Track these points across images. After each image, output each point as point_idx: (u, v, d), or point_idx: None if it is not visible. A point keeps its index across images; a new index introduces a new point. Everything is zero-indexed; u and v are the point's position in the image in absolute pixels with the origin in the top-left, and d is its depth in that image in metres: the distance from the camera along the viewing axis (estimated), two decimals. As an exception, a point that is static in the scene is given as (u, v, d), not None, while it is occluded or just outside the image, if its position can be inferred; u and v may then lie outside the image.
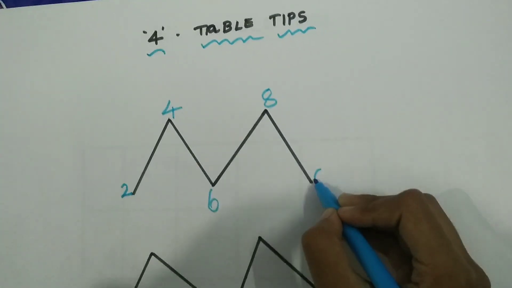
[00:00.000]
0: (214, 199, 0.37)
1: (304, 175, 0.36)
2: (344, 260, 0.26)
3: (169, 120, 0.38)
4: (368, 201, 0.30)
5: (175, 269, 0.36)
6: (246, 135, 0.37)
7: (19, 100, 0.39)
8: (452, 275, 0.24)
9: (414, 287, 0.25)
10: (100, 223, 0.37)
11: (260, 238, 0.36)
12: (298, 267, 0.35)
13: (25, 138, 0.39)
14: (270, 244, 0.36)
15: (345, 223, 0.29)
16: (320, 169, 0.36)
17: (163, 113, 0.38)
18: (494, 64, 0.35)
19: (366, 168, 0.35)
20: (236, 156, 0.37)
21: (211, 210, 0.36)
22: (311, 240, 0.28)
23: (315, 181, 0.35)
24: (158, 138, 0.38)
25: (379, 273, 0.26)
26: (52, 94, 0.39)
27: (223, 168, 0.37)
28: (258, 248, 0.36)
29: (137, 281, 0.37)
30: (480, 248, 0.32)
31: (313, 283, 0.34)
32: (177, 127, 0.38)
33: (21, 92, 0.39)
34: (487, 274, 0.27)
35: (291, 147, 0.36)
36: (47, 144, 0.39)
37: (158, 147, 0.38)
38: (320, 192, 0.34)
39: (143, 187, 0.37)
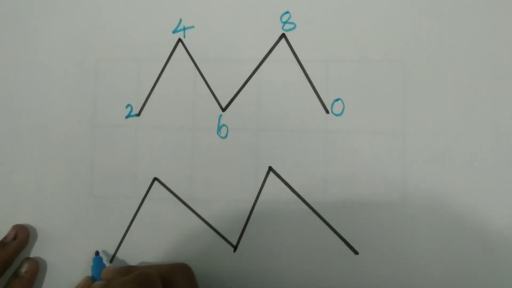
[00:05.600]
0: (224, 125, 0.35)
1: (320, 104, 0.34)
2: None
3: (179, 40, 0.35)
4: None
5: (177, 194, 0.35)
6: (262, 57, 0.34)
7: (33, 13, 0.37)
8: None
9: None
10: (105, 143, 0.36)
11: (270, 168, 0.34)
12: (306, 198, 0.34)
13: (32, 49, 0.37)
14: (280, 173, 0.34)
15: None
16: (339, 98, 0.34)
17: (174, 32, 0.35)
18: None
19: (392, 93, 0.33)
20: (248, 83, 0.34)
21: (220, 137, 0.35)
22: None
23: (97, 253, 0.34)
24: (167, 58, 0.35)
25: None
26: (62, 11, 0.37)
27: (234, 93, 0.35)
28: (267, 178, 0.34)
29: (139, 204, 0.35)
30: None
31: None
32: (187, 47, 0.35)
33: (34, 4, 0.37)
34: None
35: (308, 73, 0.34)
36: (55, 56, 0.36)
37: (166, 67, 0.35)
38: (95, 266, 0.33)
39: (148, 109, 0.35)
